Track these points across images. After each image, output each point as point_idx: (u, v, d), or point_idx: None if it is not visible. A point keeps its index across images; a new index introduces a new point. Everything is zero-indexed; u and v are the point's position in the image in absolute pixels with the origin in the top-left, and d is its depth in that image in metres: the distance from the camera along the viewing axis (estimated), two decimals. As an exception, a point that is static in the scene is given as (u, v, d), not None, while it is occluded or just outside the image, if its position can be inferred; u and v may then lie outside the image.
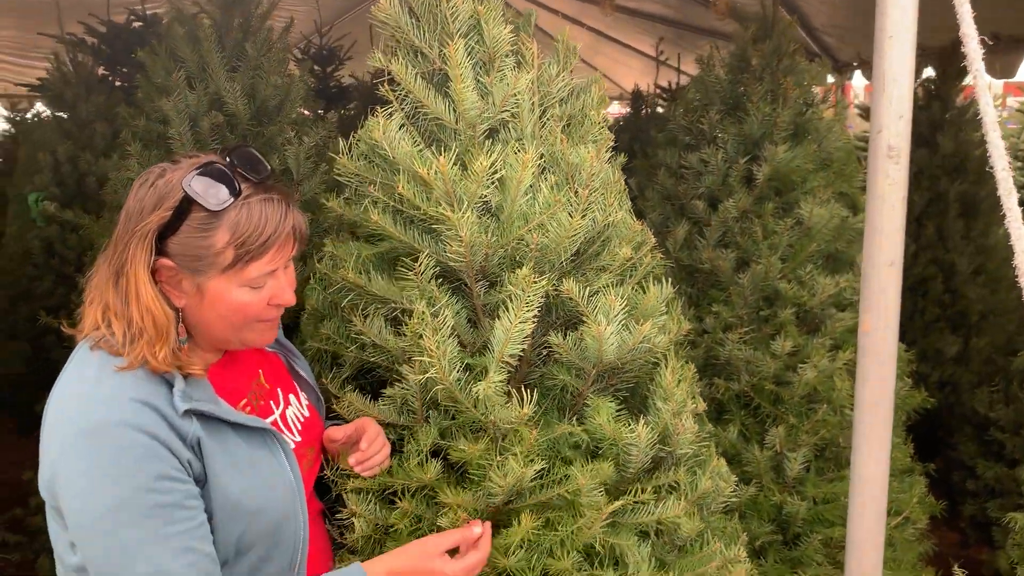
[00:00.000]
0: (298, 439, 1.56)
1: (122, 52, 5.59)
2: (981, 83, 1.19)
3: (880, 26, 1.42)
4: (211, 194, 1.34)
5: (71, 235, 4.65)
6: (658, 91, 7.15)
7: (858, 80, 7.04)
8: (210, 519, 1.33)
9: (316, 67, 7.06)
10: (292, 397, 1.62)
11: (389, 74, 1.73)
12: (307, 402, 1.66)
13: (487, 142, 1.71)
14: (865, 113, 5.96)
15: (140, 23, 5.71)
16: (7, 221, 5.59)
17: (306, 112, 3.49)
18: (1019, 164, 7.76)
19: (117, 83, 5.40)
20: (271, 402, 1.56)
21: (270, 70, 3.16)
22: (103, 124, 4.80)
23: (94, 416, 1.26)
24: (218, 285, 1.38)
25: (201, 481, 1.33)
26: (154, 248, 1.34)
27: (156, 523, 1.25)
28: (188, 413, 1.32)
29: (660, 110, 6.99)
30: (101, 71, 5.36)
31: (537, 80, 1.77)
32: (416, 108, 1.74)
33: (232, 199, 1.35)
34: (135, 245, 1.34)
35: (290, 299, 1.44)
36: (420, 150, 1.68)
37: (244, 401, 1.50)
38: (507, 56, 1.74)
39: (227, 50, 3.14)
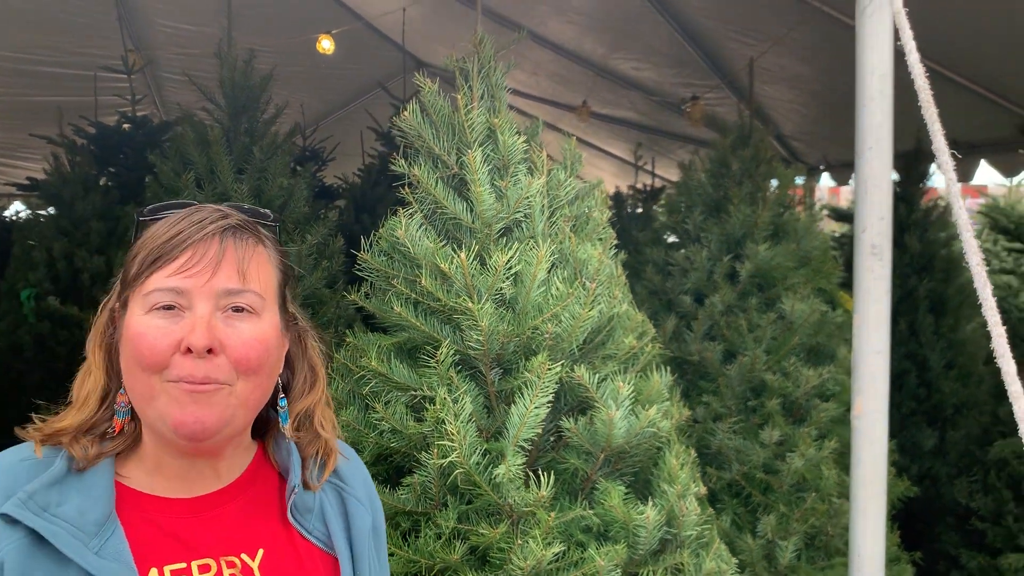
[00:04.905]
0: None
1: (112, 152, 5.75)
2: (954, 190, 1.34)
3: (860, 138, 1.59)
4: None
5: (63, 331, 4.70)
6: (636, 193, 7.44)
7: (825, 181, 7.36)
8: None
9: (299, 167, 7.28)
10: None
11: (408, 178, 1.87)
12: None
13: (502, 239, 1.84)
14: (833, 213, 6.24)
15: (129, 124, 5.90)
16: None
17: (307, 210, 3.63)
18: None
19: (101, 182, 5.52)
20: None
21: (275, 172, 3.32)
22: (99, 223, 4.92)
23: None
24: (130, 308, 1.04)
25: None
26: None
27: None
28: (8, 519, 0.95)
29: (639, 210, 7.25)
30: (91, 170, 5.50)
31: (547, 184, 1.92)
32: (434, 209, 1.87)
33: (163, 212, 1.09)
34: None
35: (199, 340, 0.98)
36: (441, 247, 1.80)
37: (170, 570, 1.00)
38: (520, 163, 1.89)
39: (235, 153, 3.30)
